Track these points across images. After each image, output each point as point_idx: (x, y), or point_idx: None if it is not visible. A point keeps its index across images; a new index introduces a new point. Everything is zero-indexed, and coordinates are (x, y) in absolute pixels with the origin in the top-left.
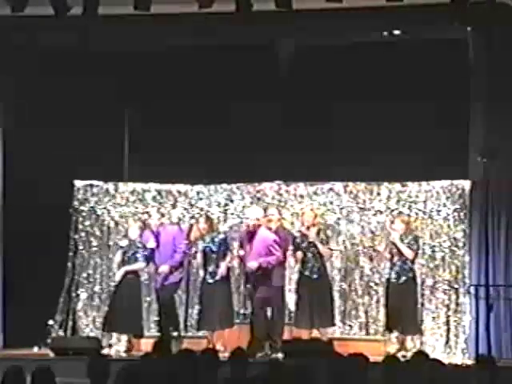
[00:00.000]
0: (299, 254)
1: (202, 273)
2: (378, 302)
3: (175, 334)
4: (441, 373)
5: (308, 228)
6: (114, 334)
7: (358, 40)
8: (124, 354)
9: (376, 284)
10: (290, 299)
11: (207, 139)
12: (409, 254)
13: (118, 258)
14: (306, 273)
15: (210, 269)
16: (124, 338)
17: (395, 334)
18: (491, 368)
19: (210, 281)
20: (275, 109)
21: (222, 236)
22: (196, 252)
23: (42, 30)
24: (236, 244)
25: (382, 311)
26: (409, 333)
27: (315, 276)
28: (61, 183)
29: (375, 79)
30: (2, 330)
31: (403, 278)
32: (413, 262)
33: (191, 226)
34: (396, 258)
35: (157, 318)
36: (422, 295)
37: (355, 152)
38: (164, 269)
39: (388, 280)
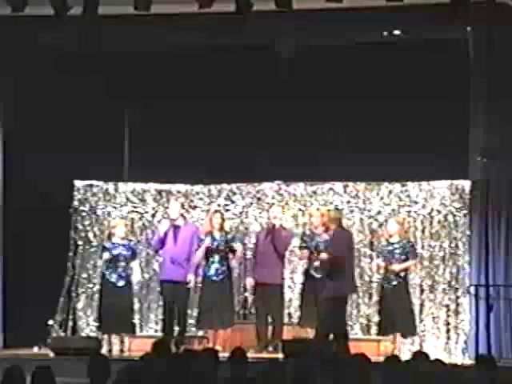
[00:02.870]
0: (305, 251)
1: (201, 270)
2: (378, 301)
3: (177, 333)
4: (441, 373)
5: (316, 227)
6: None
7: (358, 40)
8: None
9: (376, 283)
10: (295, 300)
11: (207, 139)
12: (410, 265)
13: (105, 256)
14: (311, 271)
15: (215, 266)
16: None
17: (390, 336)
18: (491, 368)
19: (215, 278)
20: (275, 109)
21: (230, 236)
22: (199, 246)
23: (42, 30)
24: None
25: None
26: (405, 334)
27: (319, 275)
28: (61, 183)
29: (375, 79)
30: (2, 330)
31: (394, 282)
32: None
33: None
34: (393, 271)
35: (161, 317)
36: (422, 295)
37: (355, 152)
38: (191, 278)
39: (381, 285)
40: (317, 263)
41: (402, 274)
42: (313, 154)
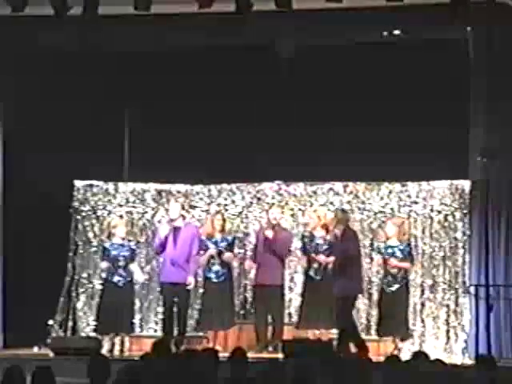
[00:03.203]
0: (304, 257)
1: (200, 271)
2: (377, 304)
3: (177, 333)
4: (441, 373)
5: (314, 229)
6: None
7: (358, 40)
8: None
9: (376, 284)
10: (295, 300)
11: (207, 139)
12: (408, 267)
13: (103, 266)
14: (311, 273)
15: (216, 268)
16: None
17: (390, 337)
18: (491, 368)
19: (215, 280)
20: (275, 109)
21: (230, 237)
22: (204, 250)
23: (42, 30)
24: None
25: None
26: (399, 338)
27: (319, 277)
28: (61, 183)
29: (375, 79)
30: (2, 330)
31: (395, 286)
32: (407, 270)
33: (205, 219)
34: (389, 266)
35: (161, 317)
36: (422, 295)
37: (355, 152)
38: (191, 280)
39: (381, 287)
40: (316, 265)
41: (402, 281)
42: (313, 153)
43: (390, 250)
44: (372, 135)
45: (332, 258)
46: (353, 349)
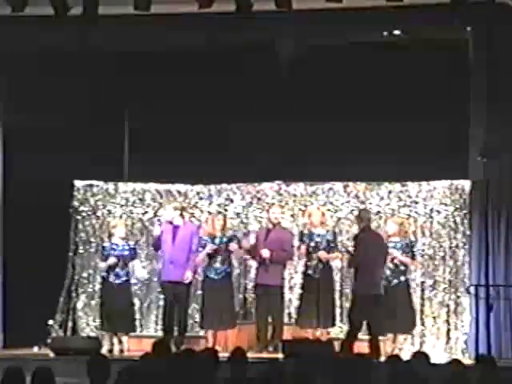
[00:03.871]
0: (303, 247)
1: (201, 270)
2: None
3: (177, 333)
4: (441, 373)
5: (316, 227)
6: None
7: (358, 40)
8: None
9: None
10: (295, 300)
11: (207, 139)
12: (408, 262)
13: (110, 261)
14: (310, 272)
15: (216, 265)
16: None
17: (390, 336)
18: (491, 368)
19: (215, 277)
20: (275, 109)
21: (229, 235)
22: (203, 247)
23: (42, 30)
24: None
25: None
26: (402, 332)
27: (318, 275)
28: (61, 183)
29: (375, 79)
30: (2, 330)
31: (395, 281)
32: (406, 265)
33: (206, 219)
34: (389, 260)
35: (161, 317)
36: (422, 295)
37: (355, 152)
38: (189, 275)
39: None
40: (315, 263)
41: (402, 276)
42: (313, 154)
43: (391, 245)
44: (372, 135)
45: (334, 255)
46: (366, 349)
